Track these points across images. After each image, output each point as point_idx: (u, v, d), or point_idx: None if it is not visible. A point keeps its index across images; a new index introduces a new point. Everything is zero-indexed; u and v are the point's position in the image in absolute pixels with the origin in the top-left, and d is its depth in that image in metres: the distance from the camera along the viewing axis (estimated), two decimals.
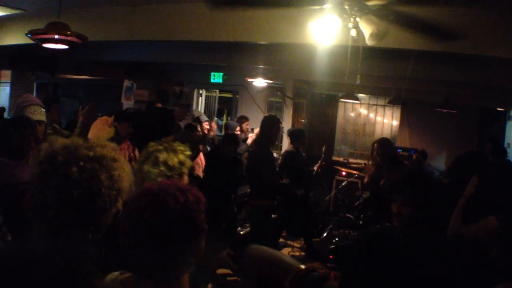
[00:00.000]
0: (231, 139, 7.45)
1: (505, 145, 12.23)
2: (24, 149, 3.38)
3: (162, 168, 3.09)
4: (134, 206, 1.77)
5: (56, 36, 5.10)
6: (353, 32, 4.42)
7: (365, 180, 7.45)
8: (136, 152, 3.97)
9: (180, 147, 3.26)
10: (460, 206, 3.82)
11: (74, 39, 5.19)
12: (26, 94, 7.34)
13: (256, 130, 8.54)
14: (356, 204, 8.96)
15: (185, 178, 3.23)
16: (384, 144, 6.86)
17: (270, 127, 6.97)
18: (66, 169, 1.92)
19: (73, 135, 5.01)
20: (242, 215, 8.38)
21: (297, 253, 8.61)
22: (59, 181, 1.90)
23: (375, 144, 6.85)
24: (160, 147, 3.18)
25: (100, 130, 4.54)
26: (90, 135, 4.42)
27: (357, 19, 4.36)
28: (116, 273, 1.86)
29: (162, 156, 3.12)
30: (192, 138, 6.63)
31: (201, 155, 7.42)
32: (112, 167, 2.02)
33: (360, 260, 1.83)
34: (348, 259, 1.98)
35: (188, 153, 3.29)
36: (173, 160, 3.13)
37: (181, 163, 3.18)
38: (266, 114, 9.63)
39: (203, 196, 1.87)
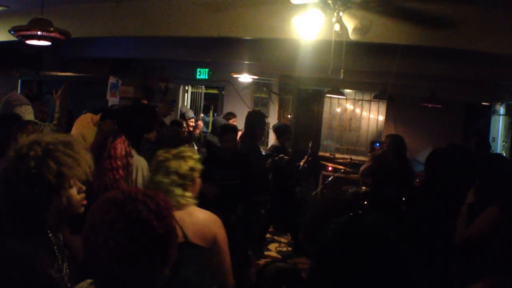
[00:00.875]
0: (227, 128, 7.31)
1: (490, 139, 12.34)
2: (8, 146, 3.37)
3: (174, 177, 3.06)
4: (100, 218, 1.59)
5: (39, 33, 5.07)
6: (337, 27, 4.43)
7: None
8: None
9: (188, 152, 3.22)
10: (463, 213, 3.82)
11: (57, 35, 5.17)
12: (14, 92, 7.31)
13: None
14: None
15: (198, 181, 3.22)
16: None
17: (255, 122, 6.98)
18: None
19: (54, 120, 5.04)
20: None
21: (284, 249, 8.63)
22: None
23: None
24: (169, 156, 3.14)
25: (84, 127, 4.52)
26: (73, 132, 4.41)
27: (340, 13, 4.37)
28: (85, 283, 1.77)
29: (172, 165, 3.09)
30: (180, 135, 6.61)
31: None
32: (32, 166, 2.00)
33: (326, 250, 1.81)
34: (316, 249, 1.96)
35: (196, 156, 3.25)
36: (184, 168, 3.10)
37: (192, 169, 3.15)
38: (251, 110, 9.61)
39: (170, 201, 1.76)
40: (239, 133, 8.77)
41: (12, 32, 5.17)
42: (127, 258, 1.55)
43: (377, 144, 11.03)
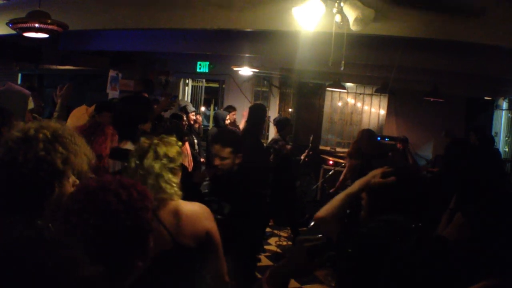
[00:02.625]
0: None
1: (493, 134, 12.29)
2: None
3: (165, 161, 2.99)
4: (72, 207, 1.60)
5: (37, 25, 5.02)
6: (338, 18, 4.37)
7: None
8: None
9: (172, 138, 3.16)
10: (443, 219, 3.77)
11: (55, 27, 5.12)
12: (9, 83, 7.26)
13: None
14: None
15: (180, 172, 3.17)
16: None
17: (258, 116, 6.97)
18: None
19: (52, 119, 4.98)
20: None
21: (284, 243, 8.60)
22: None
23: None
24: (156, 141, 3.08)
25: (79, 119, 4.48)
26: (68, 124, 4.35)
27: (341, 4, 4.31)
28: None
29: (162, 149, 3.02)
30: (181, 128, 6.57)
31: (187, 145, 7.37)
32: (41, 149, 1.94)
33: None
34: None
35: (180, 143, 3.21)
36: (173, 152, 3.05)
37: (179, 154, 3.11)
38: (252, 103, 9.58)
39: (148, 192, 1.74)
40: (241, 127, 8.75)
41: (10, 25, 5.12)
42: (93, 249, 1.50)
43: (378, 138, 11.00)
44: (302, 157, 9.01)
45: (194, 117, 10.06)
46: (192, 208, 3.03)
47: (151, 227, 1.68)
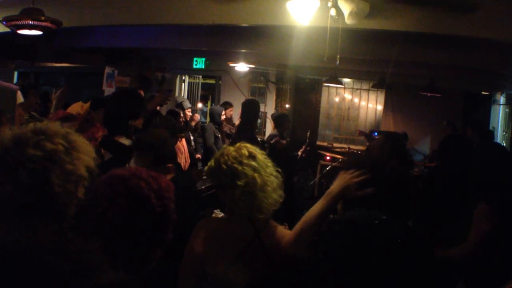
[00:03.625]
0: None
1: (490, 128, 12.29)
2: None
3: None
4: (104, 191, 1.65)
5: (31, 22, 5.00)
6: (333, 12, 4.35)
7: None
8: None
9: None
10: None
11: (49, 24, 5.09)
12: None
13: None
14: None
15: None
16: None
17: (251, 111, 6.96)
18: (16, 172, 1.76)
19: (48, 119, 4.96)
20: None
21: None
22: (10, 185, 1.76)
23: None
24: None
25: None
26: None
27: None
28: None
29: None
30: (172, 124, 6.53)
31: (183, 141, 7.34)
32: (65, 161, 1.81)
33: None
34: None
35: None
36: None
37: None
38: (246, 99, 9.57)
39: (172, 185, 1.78)
40: (236, 123, 8.72)
41: (4, 22, 5.11)
42: (122, 232, 1.59)
43: (375, 133, 10.99)
44: (299, 153, 9.00)
45: (190, 113, 10.04)
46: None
47: (174, 217, 1.72)
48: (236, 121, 9.58)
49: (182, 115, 9.30)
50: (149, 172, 1.73)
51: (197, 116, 10.84)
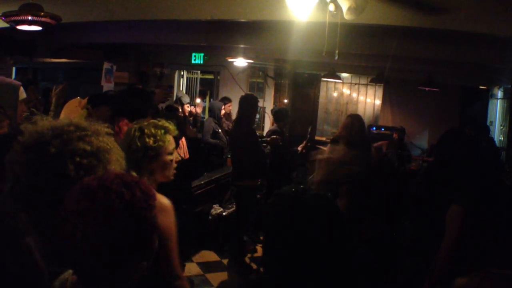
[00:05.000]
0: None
1: (488, 123, 12.32)
2: None
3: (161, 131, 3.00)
4: (71, 207, 1.50)
5: (30, 17, 5.02)
6: (331, 7, 4.35)
7: None
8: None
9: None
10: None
11: (48, 20, 5.11)
12: (1, 77, 7.25)
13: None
14: None
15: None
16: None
17: (250, 106, 6.98)
18: (61, 164, 1.75)
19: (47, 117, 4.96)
20: (228, 195, 8.33)
21: None
22: (50, 176, 1.75)
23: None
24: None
25: (72, 111, 4.46)
26: (62, 116, 4.35)
27: None
28: (67, 273, 1.67)
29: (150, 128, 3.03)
30: (178, 118, 6.55)
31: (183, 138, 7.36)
32: (108, 160, 1.84)
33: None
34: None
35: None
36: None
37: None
38: (243, 94, 9.59)
39: (152, 190, 1.63)
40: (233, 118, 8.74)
41: (3, 18, 5.12)
42: (96, 251, 1.46)
43: (374, 128, 11.02)
44: (300, 148, 9.00)
45: (188, 109, 10.05)
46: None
47: (155, 227, 1.59)
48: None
49: (180, 110, 9.32)
50: (123, 180, 1.56)
51: (199, 110, 10.85)
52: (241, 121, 6.98)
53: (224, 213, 7.76)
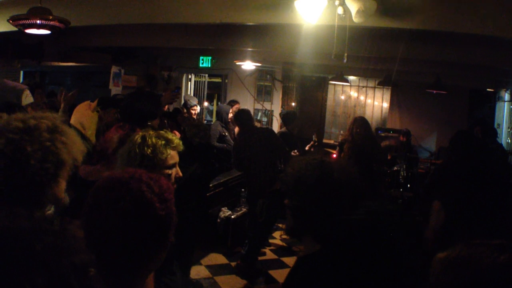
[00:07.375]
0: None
1: (495, 125, 12.28)
2: None
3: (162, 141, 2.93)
4: (105, 196, 1.55)
5: (38, 21, 5.01)
6: (340, 10, 4.37)
7: None
8: None
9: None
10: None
11: (57, 23, 5.11)
12: (5, 80, 7.29)
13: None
14: None
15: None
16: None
17: (243, 118, 7.07)
18: None
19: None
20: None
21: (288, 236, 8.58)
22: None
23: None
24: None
25: (83, 115, 4.47)
26: (72, 121, 4.36)
27: None
28: None
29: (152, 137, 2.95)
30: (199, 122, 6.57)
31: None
32: (46, 138, 1.90)
33: None
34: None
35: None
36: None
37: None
38: (255, 98, 9.61)
39: (170, 184, 1.69)
40: (236, 130, 8.78)
41: (11, 22, 5.12)
42: (127, 237, 1.50)
43: (380, 131, 11.00)
44: (307, 148, 9.01)
45: (195, 112, 10.06)
46: None
47: (176, 219, 1.64)
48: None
49: (186, 112, 9.31)
50: (148, 174, 1.64)
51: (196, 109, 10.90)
52: (245, 131, 7.05)
53: (232, 216, 7.76)
